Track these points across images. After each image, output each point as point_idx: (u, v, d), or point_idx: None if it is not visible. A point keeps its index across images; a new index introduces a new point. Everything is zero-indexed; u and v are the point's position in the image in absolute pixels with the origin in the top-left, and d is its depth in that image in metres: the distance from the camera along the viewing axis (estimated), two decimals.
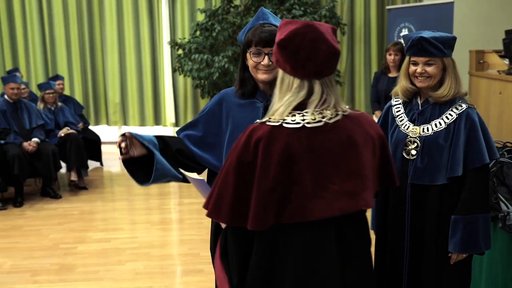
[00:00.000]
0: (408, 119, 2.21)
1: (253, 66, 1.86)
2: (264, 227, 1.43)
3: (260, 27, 1.85)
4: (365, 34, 7.40)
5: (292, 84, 1.46)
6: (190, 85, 7.71)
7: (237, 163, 1.45)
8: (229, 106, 1.98)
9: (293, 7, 6.19)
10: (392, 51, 4.68)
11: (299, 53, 1.43)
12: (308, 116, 1.43)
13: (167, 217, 4.87)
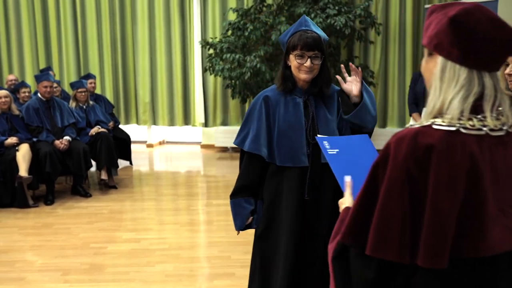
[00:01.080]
0: None
1: (296, 67, 2.14)
2: (441, 265, 1.10)
3: (304, 33, 2.11)
4: (400, 34, 7.22)
5: (459, 75, 1.14)
6: (220, 85, 7.66)
7: (403, 177, 1.11)
8: (274, 102, 2.22)
9: (327, 6, 6.06)
10: None
11: (476, 33, 1.12)
12: (488, 121, 1.13)
13: (195, 218, 4.80)
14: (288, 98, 2.22)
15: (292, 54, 2.13)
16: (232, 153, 7.75)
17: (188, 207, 5.15)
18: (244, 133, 2.28)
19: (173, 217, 4.85)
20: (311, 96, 2.21)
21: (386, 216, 1.12)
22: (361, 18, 6.21)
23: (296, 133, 2.18)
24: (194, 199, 5.48)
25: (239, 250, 3.98)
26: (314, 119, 2.18)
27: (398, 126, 7.58)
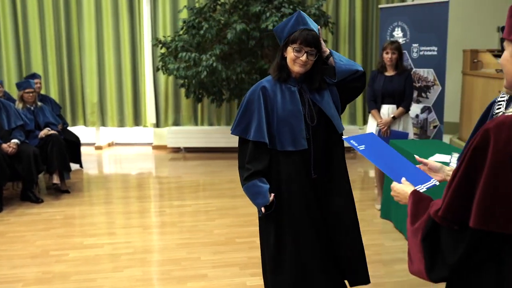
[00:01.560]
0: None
1: (292, 59, 2.31)
2: None
3: (306, 30, 2.29)
4: (349, 34, 7.39)
5: None
6: (172, 85, 7.52)
7: (506, 158, 1.23)
8: (271, 93, 2.37)
9: (282, 5, 6.09)
10: (389, 50, 4.64)
11: None
12: None
13: (158, 221, 4.68)
14: (284, 87, 2.38)
15: (291, 47, 2.29)
16: (185, 153, 7.63)
17: (148, 210, 5.01)
18: (245, 123, 2.39)
19: (135, 220, 4.70)
20: (304, 85, 2.40)
21: (493, 193, 1.24)
22: (315, 17, 6.28)
23: (296, 119, 2.34)
24: (153, 201, 5.34)
25: (208, 251, 3.92)
26: (310, 105, 2.38)
27: (348, 123, 7.76)
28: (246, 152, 2.38)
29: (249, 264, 3.68)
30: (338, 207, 2.44)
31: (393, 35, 5.42)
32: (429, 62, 5.16)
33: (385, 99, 4.74)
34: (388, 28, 5.46)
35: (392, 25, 5.42)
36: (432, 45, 5.12)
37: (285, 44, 2.32)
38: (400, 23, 5.35)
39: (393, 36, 5.41)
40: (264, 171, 2.35)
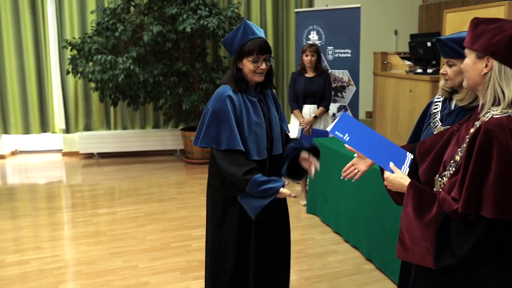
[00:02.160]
0: (439, 118, 2.29)
1: (252, 70, 2.34)
2: None
3: (256, 39, 2.31)
4: None
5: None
6: (82, 88, 7.20)
7: (510, 152, 1.47)
8: (237, 103, 2.35)
9: (199, 7, 6.10)
10: (309, 52, 4.87)
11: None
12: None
13: (85, 231, 4.49)
14: (245, 98, 2.40)
15: (247, 59, 2.32)
16: (99, 159, 7.35)
17: (71, 220, 4.78)
18: (214, 134, 2.33)
19: (59, 232, 4.46)
20: (261, 95, 2.47)
21: (504, 183, 1.45)
22: (231, 20, 6.38)
23: (261, 130, 2.39)
24: (75, 211, 5.09)
25: (145, 258, 3.86)
26: (267, 116, 2.46)
27: None
28: (223, 161, 2.32)
29: (190, 268, 3.69)
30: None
31: (309, 38, 5.68)
32: (344, 63, 5.49)
33: (306, 99, 4.97)
34: (304, 31, 5.71)
35: (307, 29, 5.67)
36: (346, 48, 5.46)
37: (239, 56, 2.33)
38: (316, 26, 5.62)
39: (309, 39, 5.67)
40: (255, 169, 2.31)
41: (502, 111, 1.55)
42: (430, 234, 1.57)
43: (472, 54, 1.63)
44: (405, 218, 1.66)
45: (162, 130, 7.50)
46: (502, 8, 3.34)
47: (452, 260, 1.54)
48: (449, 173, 1.65)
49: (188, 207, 5.09)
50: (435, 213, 1.58)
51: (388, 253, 3.46)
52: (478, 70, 1.61)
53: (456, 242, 1.53)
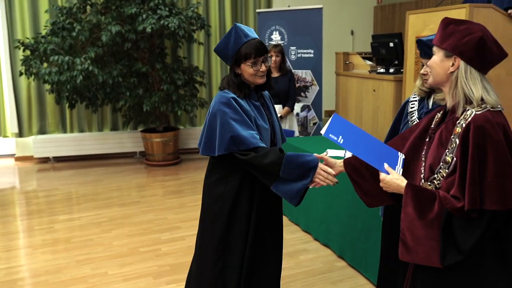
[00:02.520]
0: (417, 117, 2.34)
1: (252, 74, 2.25)
2: None
3: (251, 41, 2.23)
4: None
5: (476, 77, 1.66)
6: (35, 90, 6.93)
7: (503, 144, 1.56)
8: (244, 105, 2.25)
9: (158, 7, 6.00)
10: (274, 53, 4.88)
11: (490, 51, 1.66)
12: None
13: (47, 238, 4.31)
14: (249, 102, 2.30)
15: (245, 64, 2.23)
16: (55, 163, 7.09)
17: (30, 228, 4.58)
18: (227, 137, 2.20)
19: (19, 240, 4.27)
20: (262, 98, 2.40)
21: (502, 176, 1.53)
22: (192, 20, 6.30)
23: (266, 135, 2.31)
24: (32, 218, 4.88)
25: (114, 264, 3.76)
26: (271, 121, 2.39)
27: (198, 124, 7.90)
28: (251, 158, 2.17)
29: (161, 272, 3.62)
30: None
31: (271, 38, 5.70)
32: (307, 63, 5.54)
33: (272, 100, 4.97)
34: (267, 32, 5.72)
35: (270, 29, 5.69)
36: (309, 48, 5.51)
37: (237, 61, 2.24)
38: (278, 27, 5.65)
39: (272, 39, 5.69)
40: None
41: (481, 107, 1.62)
42: (435, 232, 1.60)
43: (441, 52, 1.70)
44: (405, 218, 1.67)
45: (121, 132, 7.32)
46: (463, 10, 3.47)
47: (458, 257, 1.57)
48: (440, 175, 1.68)
49: (153, 210, 5.00)
50: (438, 211, 1.60)
51: (361, 250, 3.52)
52: (445, 68, 1.68)
53: (461, 238, 1.56)
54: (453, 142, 1.66)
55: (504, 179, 1.54)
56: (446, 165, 1.67)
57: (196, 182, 6.03)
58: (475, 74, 1.65)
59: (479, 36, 1.63)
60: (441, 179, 1.68)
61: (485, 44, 1.63)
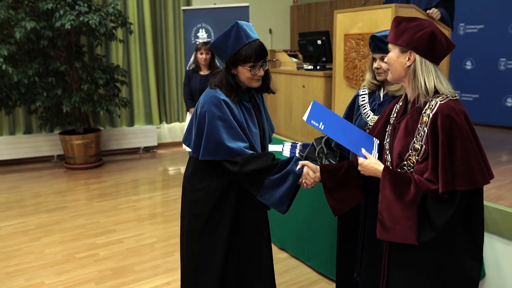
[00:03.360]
0: (370, 109, 2.44)
1: (249, 77, 2.17)
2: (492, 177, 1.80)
3: (252, 43, 2.12)
4: (140, 34, 7.38)
5: (430, 68, 1.81)
6: None
7: (468, 130, 1.71)
8: (234, 109, 2.16)
9: (77, 2, 5.74)
10: (204, 50, 4.88)
11: (440, 43, 1.80)
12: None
13: None
14: (240, 105, 2.22)
15: (243, 67, 2.14)
16: None
17: None
18: (213, 142, 2.13)
19: None
20: (253, 99, 2.32)
21: (468, 159, 1.70)
22: (112, 17, 6.10)
23: (256, 139, 2.26)
24: None
25: (50, 273, 3.57)
26: (262, 124, 2.33)
27: (145, 123, 7.76)
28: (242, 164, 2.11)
29: (104, 277, 3.50)
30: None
31: (197, 36, 5.67)
32: None
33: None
34: (193, 29, 5.69)
35: (196, 26, 5.67)
36: None
37: (234, 63, 2.14)
38: (204, 24, 5.63)
39: (198, 37, 5.67)
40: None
41: (444, 97, 1.77)
42: (413, 212, 1.73)
43: (396, 48, 1.84)
44: (383, 200, 1.79)
45: (36, 135, 6.89)
46: (389, 10, 3.70)
47: (432, 234, 1.72)
48: (410, 162, 1.82)
49: (83, 215, 4.79)
50: (414, 193, 1.73)
51: (303, 240, 3.65)
52: (402, 63, 1.82)
53: (435, 217, 1.71)
54: (420, 131, 1.79)
55: (471, 162, 1.71)
56: (415, 152, 1.80)
57: (123, 184, 5.87)
58: (429, 66, 1.79)
59: (430, 31, 1.78)
60: (411, 165, 1.82)
61: (435, 37, 1.78)
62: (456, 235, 1.78)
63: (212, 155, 2.13)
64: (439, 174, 1.70)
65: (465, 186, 1.69)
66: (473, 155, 1.71)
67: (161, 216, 4.76)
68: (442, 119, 1.71)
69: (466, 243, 1.79)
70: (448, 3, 4.08)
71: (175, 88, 7.89)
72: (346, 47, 4.13)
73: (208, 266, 2.28)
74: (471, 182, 1.70)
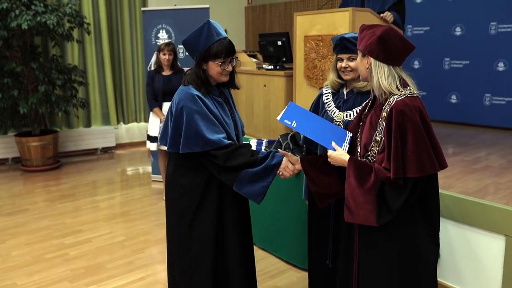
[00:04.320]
0: (335, 106, 2.59)
1: (219, 72, 2.32)
2: (446, 166, 2.01)
3: (222, 40, 2.30)
4: (95, 34, 7.33)
5: (384, 70, 2.02)
6: None
7: (419, 123, 1.91)
8: (208, 102, 2.29)
9: (33, 2, 5.66)
10: (166, 51, 4.96)
11: (392, 45, 1.99)
12: (415, 90, 2.05)
13: None
14: (212, 99, 2.33)
15: (214, 62, 2.28)
16: None
17: None
18: (201, 134, 2.25)
19: None
20: (223, 95, 2.44)
21: (419, 149, 1.90)
22: (69, 17, 6.05)
23: (231, 129, 2.37)
24: None
25: (21, 274, 3.58)
26: (233, 116, 2.45)
27: (102, 124, 7.71)
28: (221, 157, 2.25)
29: (77, 275, 3.54)
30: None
31: (158, 36, 5.72)
32: None
33: (166, 97, 5.06)
34: (153, 30, 5.73)
35: (156, 27, 5.71)
36: None
37: (205, 58, 2.28)
38: (165, 25, 5.69)
39: (158, 37, 5.72)
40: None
41: (401, 94, 1.99)
42: (372, 198, 1.95)
43: (360, 53, 2.09)
44: (348, 187, 2.00)
45: None
46: (347, 13, 3.94)
47: (389, 216, 1.94)
48: (373, 152, 2.04)
49: (47, 216, 4.76)
50: (374, 181, 1.96)
51: (271, 233, 3.82)
52: (364, 66, 2.07)
53: (391, 201, 1.93)
54: (380, 124, 2.01)
55: (420, 152, 1.92)
56: (376, 144, 2.02)
57: (84, 185, 5.85)
58: (383, 67, 2.00)
59: (378, 36, 1.98)
60: (374, 155, 2.03)
61: (386, 41, 1.97)
62: (414, 218, 2.01)
63: (192, 147, 2.24)
64: (391, 162, 1.92)
65: (415, 173, 1.90)
66: (423, 146, 1.92)
67: (127, 215, 4.81)
68: (396, 114, 1.93)
69: (423, 225, 2.02)
70: (399, 6, 4.37)
71: (132, 89, 7.89)
72: (306, 48, 4.34)
73: (201, 260, 2.39)
74: (420, 170, 1.91)
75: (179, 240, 2.43)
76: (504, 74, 5.81)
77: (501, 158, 4.40)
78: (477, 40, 5.99)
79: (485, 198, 3.09)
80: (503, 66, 5.81)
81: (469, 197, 3.11)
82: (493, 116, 5.96)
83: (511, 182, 3.56)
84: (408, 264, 2.03)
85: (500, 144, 5.04)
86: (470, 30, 6.08)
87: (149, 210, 4.99)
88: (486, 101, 5.99)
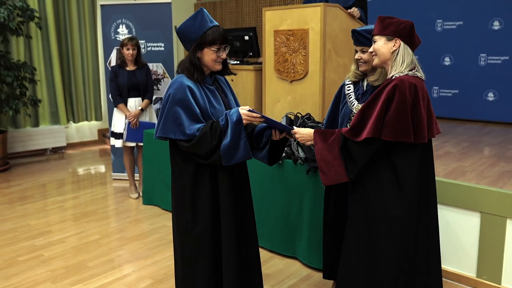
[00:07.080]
0: (355, 97, 2.64)
1: (213, 60, 2.33)
2: (425, 140, 2.23)
3: (215, 27, 2.31)
4: (42, 30, 7.04)
5: (409, 52, 2.30)
6: None
7: (407, 98, 2.14)
8: (198, 93, 2.31)
9: None
10: (130, 46, 4.87)
11: (415, 34, 2.31)
12: (422, 73, 2.32)
13: None
14: (204, 86, 2.35)
15: (209, 49, 2.29)
16: None
17: None
18: (180, 123, 2.26)
19: None
20: (217, 83, 2.46)
21: (399, 119, 2.14)
22: (18, 11, 5.76)
23: (221, 115, 2.35)
24: None
25: None
26: (228, 104, 2.45)
27: (51, 123, 7.42)
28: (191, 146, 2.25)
29: (58, 276, 3.43)
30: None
31: (117, 31, 5.59)
32: (158, 57, 5.60)
33: (131, 93, 4.98)
34: (112, 25, 5.58)
35: (116, 22, 5.57)
36: (159, 42, 5.57)
37: (200, 45, 2.28)
38: (125, 20, 5.56)
39: (118, 33, 5.58)
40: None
41: (402, 72, 2.24)
42: (336, 151, 2.21)
43: (382, 38, 2.30)
44: (317, 152, 2.26)
45: None
46: (318, 8, 4.08)
47: (356, 167, 2.20)
48: None
49: (9, 219, 4.55)
50: (335, 135, 2.25)
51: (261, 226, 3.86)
52: (389, 48, 2.29)
53: (356, 156, 2.19)
54: None
55: (399, 121, 2.15)
56: None
57: (39, 186, 5.62)
58: (409, 50, 2.29)
59: (411, 23, 2.29)
60: None
61: (414, 30, 2.29)
62: (385, 184, 2.25)
63: (166, 132, 2.28)
64: (371, 122, 2.16)
65: (389, 137, 2.15)
66: (403, 117, 2.14)
67: (95, 214, 4.69)
68: (391, 87, 2.18)
69: (394, 194, 2.24)
70: (362, 3, 4.58)
71: (82, 86, 7.64)
72: (276, 42, 4.44)
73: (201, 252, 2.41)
74: (395, 135, 2.15)
75: (178, 232, 2.47)
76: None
77: (457, 145, 4.73)
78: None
79: (457, 179, 3.34)
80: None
81: (444, 178, 3.34)
82: (442, 107, 6.35)
83: (475, 165, 3.86)
84: (375, 216, 2.27)
85: (452, 132, 5.41)
86: (508, 25, 6.06)
87: (118, 208, 4.89)
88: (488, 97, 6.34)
